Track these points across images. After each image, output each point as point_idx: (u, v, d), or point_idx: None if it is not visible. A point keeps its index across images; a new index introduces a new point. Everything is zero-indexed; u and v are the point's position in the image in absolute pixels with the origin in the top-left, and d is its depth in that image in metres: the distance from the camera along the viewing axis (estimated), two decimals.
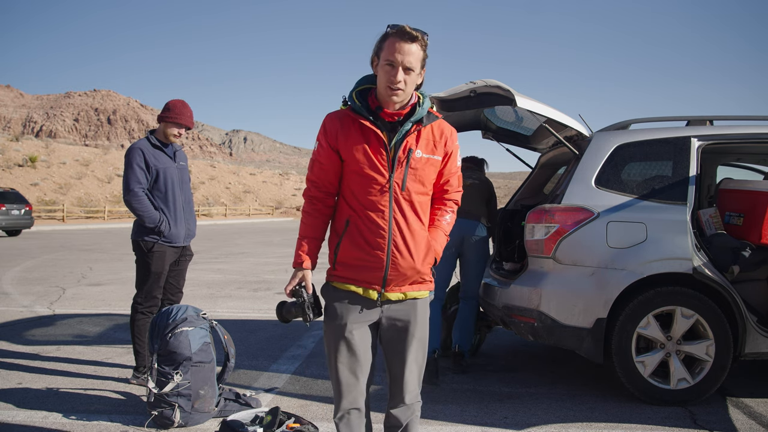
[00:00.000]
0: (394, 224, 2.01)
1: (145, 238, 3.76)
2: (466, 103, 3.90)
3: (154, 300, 3.83)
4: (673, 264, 3.48)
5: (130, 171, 3.73)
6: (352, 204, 2.04)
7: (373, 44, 2.01)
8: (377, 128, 2.00)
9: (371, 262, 2.01)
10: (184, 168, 4.01)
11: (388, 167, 2.00)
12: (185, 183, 3.99)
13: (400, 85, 1.95)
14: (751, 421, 3.26)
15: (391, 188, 2.00)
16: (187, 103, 3.91)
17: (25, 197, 22.27)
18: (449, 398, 3.62)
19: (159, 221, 3.74)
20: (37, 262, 11.57)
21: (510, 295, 3.79)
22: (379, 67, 1.98)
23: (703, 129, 3.82)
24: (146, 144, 3.81)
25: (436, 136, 2.09)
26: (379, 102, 2.03)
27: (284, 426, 2.90)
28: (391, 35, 1.95)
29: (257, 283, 8.84)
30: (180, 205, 3.89)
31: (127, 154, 3.79)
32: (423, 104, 2.07)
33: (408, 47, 1.93)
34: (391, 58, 1.93)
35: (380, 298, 2.05)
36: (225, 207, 50.44)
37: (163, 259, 3.80)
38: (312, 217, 2.12)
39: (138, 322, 3.80)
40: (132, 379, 3.84)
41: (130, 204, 3.73)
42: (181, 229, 3.87)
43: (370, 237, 2.00)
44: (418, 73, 1.99)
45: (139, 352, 3.82)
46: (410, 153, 2.02)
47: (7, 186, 30.76)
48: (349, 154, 2.02)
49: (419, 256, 2.05)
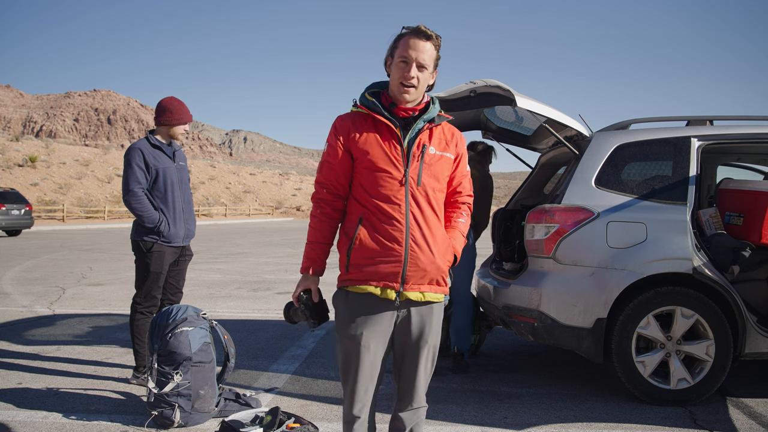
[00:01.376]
0: (412, 218, 1.98)
1: (145, 238, 3.76)
2: (466, 103, 3.90)
3: (153, 300, 3.83)
4: (673, 264, 3.48)
5: (129, 171, 3.73)
6: (364, 202, 2.02)
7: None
8: (391, 123, 2.02)
9: (389, 257, 1.96)
10: (184, 168, 4.01)
11: (403, 162, 2.01)
12: (184, 183, 3.99)
13: (413, 81, 1.98)
14: (751, 421, 3.26)
15: (407, 182, 2.00)
16: (181, 100, 3.94)
17: (25, 197, 22.27)
18: (449, 398, 3.62)
19: (158, 221, 3.74)
20: (37, 262, 11.57)
21: (510, 295, 3.79)
22: (393, 65, 2.01)
23: (703, 129, 3.82)
24: (146, 144, 3.81)
25: (447, 136, 2.12)
26: (392, 99, 2.06)
27: (284, 426, 2.90)
28: (405, 34, 1.99)
29: (257, 283, 8.84)
30: (179, 205, 3.89)
31: (127, 154, 3.78)
32: (435, 104, 2.11)
33: (422, 45, 1.97)
34: (405, 55, 1.97)
35: (399, 298, 2.00)
36: (225, 207, 50.43)
37: (162, 259, 3.80)
38: (320, 222, 2.10)
39: (138, 322, 3.80)
40: (132, 379, 3.84)
41: (129, 204, 3.72)
42: (180, 229, 3.87)
43: (386, 231, 1.97)
44: (430, 73, 2.03)
45: (138, 352, 3.82)
46: (425, 148, 2.03)
47: (7, 186, 30.77)
48: (363, 150, 2.02)
49: (439, 251, 2.02)
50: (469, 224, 2.24)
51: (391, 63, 2.03)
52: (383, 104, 2.06)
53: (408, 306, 2.05)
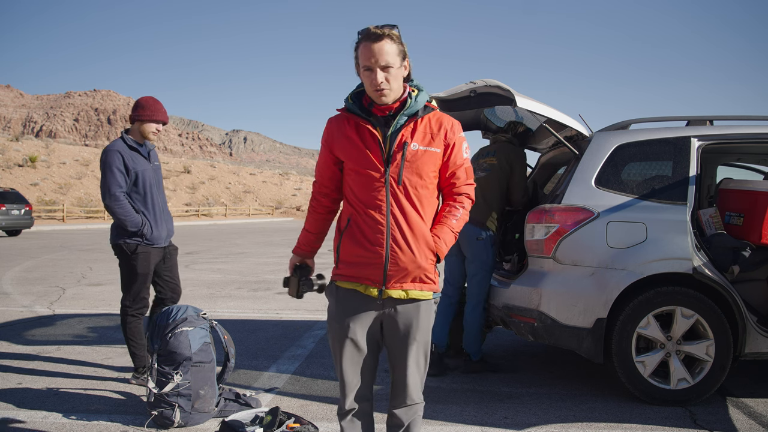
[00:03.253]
0: (392, 219, 2.01)
1: (128, 240, 3.69)
2: (466, 103, 3.90)
3: (143, 301, 3.80)
4: (673, 264, 3.48)
5: (109, 174, 3.64)
6: (352, 202, 2.08)
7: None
8: (369, 124, 2.04)
9: (371, 259, 2.02)
10: (158, 168, 3.97)
11: (384, 162, 2.02)
12: (160, 183, 3.94)
13: (383, 86, 1.97)
14: (751, 421, 3.26)
15: (387, 182, 2.01)
16: (157, 99, 3.86)
17: (25, 197, 22.27)
18: (449, 398, 3.62)
19: (142, 225, 3.67)
20: (37, 262, 11.57)
21: (510, 295, 3.79)
22: (361, 74, 2.02)
23: (703, 129, 3.82)
24: (123, 145, 3.74)
25: (434, 129, 2.08)
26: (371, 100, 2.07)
27: (284, 426, 2.90)
28: (360, 41, 1.97)
29: (257, 283, 8.84)
30: (159, 207, 3.84)
31: (105, 157, 3.68)
32: (417, 98, 2.07)
33: (378, 47, 1.93)
34: (367, 63, 1.96)
35: (381, 296, 2.05)
36: (225, 207, 50.43)
37: (148, 260, 3.75)
38: (312, 214, 2.26)
39: (130, 325, 3.76)
40: (132, 380, 3.84)
41: (111, 209, 3.63)
42: (162, 230, 3.82)
43: (369, 233, 2.02)
44: (399, 67, 1.99)
45: (135, 354, 3.80)
46: (405, 146, 2.02)
47: (7, 186, 30.76)
48: (346, 153, 2.07)
49: (420, 250, 2.03)
50: (467, 216, 2.18)
51: (360, 71, 2.02)
52: (364, 105, 2.07)
53: (393, 304, 2.08)
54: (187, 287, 8.37)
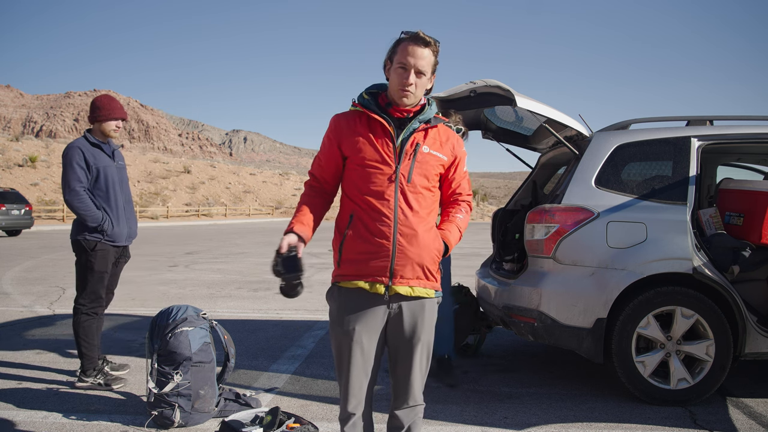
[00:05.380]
0: (400, 212, 2.02)
1: (87, 237, 3.68)
2: (466, 103, 3.90)
3: (99, 300, 3.78)
4: (673, 264, 3.48)
5: (70, 170, 3.67)
6: (355, 198, 2.07)
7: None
8: (384, 120, 2.06)
9: (377, 253, 2.02)
10: (123, 168, 3.99)
11: (395, 158, 2.05)
12: (125, 182, 3.96)
13: (410, 88, 2.03)
14: (751, 421, 3.26)
15: (397, 179, 2.04)
16: (113, 96, 3.90)
17: (25, 197, 22.28)
18: (449, 398, 3.61)
19: (102, 220, 3.68)
20: (37, 262, 11.57)
21: (510, 295, 3.79)
22: (392, 71, 2.06)
23: (703, 129, 3.82)
24: (84, 143, 3.77)
25: (442, 138, 2.16)
26: (389, 100, 2.10)
27: (284, 426, 2.90)
28: (404, 40, 2.03)
29: (257, 283, 8.85)
30: (121, 204, 3.85)
31: (66, 153, 3.72)
32: (431, 106, 2.15)
33: (421, 51, 2.01)
34: (404, 61, 2.01)
35: (388, 292, 2.05)
36: (225, 207, 50.43)
37: (106, 258, 3.75)
38: (308, 196, 2.19)
39: (84, 323, 3.72)
40: (77, 382, 3.73)
41: (71, 204, 3.65)
42: (123, 228, 3.83)
43: (375, 227, 2.02)
44: (428, 78, 2.07)
45: (85, 354, 3.73)
46: (417, 147, 2.08)
47: (7, 186, 30.77)
48: (354, 147, 2.07)
49: (427, 246, 2.06)
50: (468, 220, 2.27)
51: (390, 67, 2.07)
52: (379, 104, 2.11)
53: (398, 301, 2.08)
54: (187, 287, 8.37)
